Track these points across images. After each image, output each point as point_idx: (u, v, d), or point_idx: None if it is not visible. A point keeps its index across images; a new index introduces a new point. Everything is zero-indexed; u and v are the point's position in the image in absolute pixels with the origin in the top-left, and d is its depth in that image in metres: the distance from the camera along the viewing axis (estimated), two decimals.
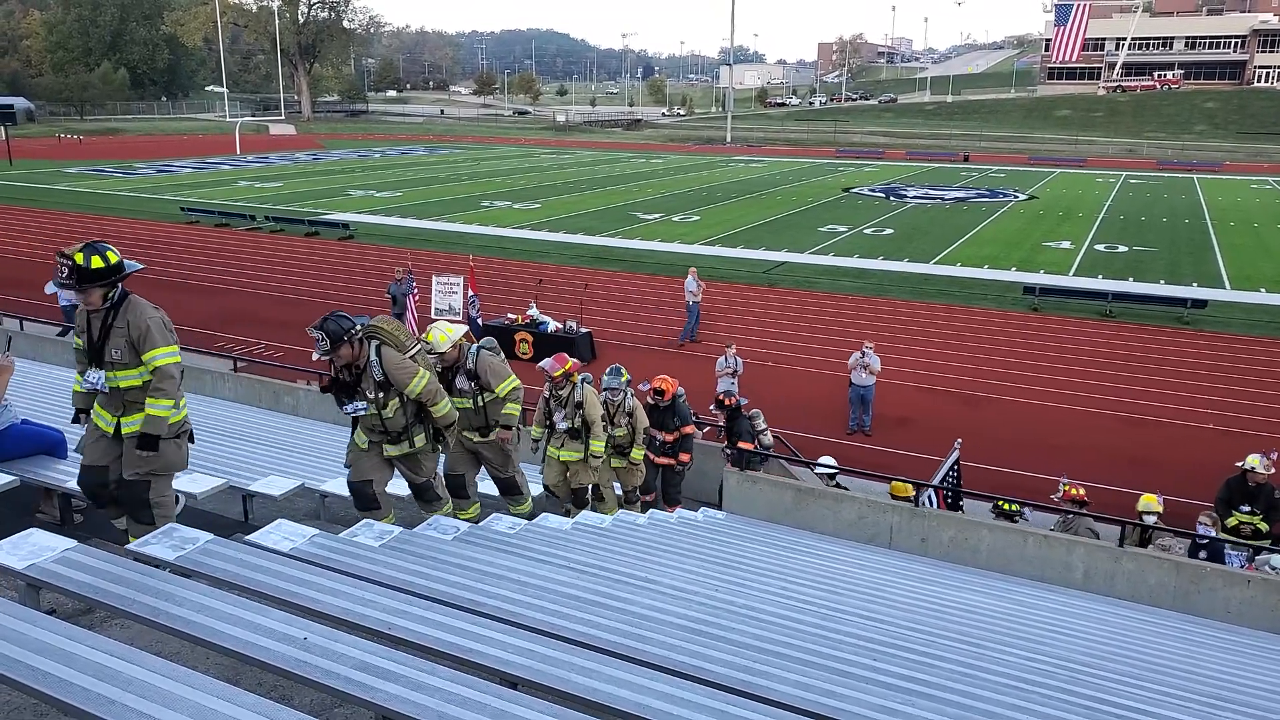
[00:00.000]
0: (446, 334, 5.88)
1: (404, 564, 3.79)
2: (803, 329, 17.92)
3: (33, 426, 5.34)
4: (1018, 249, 26.82)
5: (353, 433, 5.27)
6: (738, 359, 12.70)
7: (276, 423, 9.06)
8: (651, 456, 8.35)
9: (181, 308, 14.73)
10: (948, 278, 22.83)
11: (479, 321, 15.88)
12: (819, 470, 9.54)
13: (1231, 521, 8.29)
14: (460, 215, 32.15)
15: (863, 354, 12.39)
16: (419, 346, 5.20)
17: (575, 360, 7.27)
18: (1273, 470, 8.32)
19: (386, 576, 3.58)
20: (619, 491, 8.01)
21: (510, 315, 16.22)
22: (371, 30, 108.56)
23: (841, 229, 30.10)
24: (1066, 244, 27.75)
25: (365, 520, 4.65)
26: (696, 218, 32.30)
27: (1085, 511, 8.28)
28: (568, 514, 6.88)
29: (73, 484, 4.84)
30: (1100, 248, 27.20)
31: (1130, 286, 21.45)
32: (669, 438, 8.40)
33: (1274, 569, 7.26)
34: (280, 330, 15.98)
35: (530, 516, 6.05)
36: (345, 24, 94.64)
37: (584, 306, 16.48)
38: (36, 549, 3.17)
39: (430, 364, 5.27)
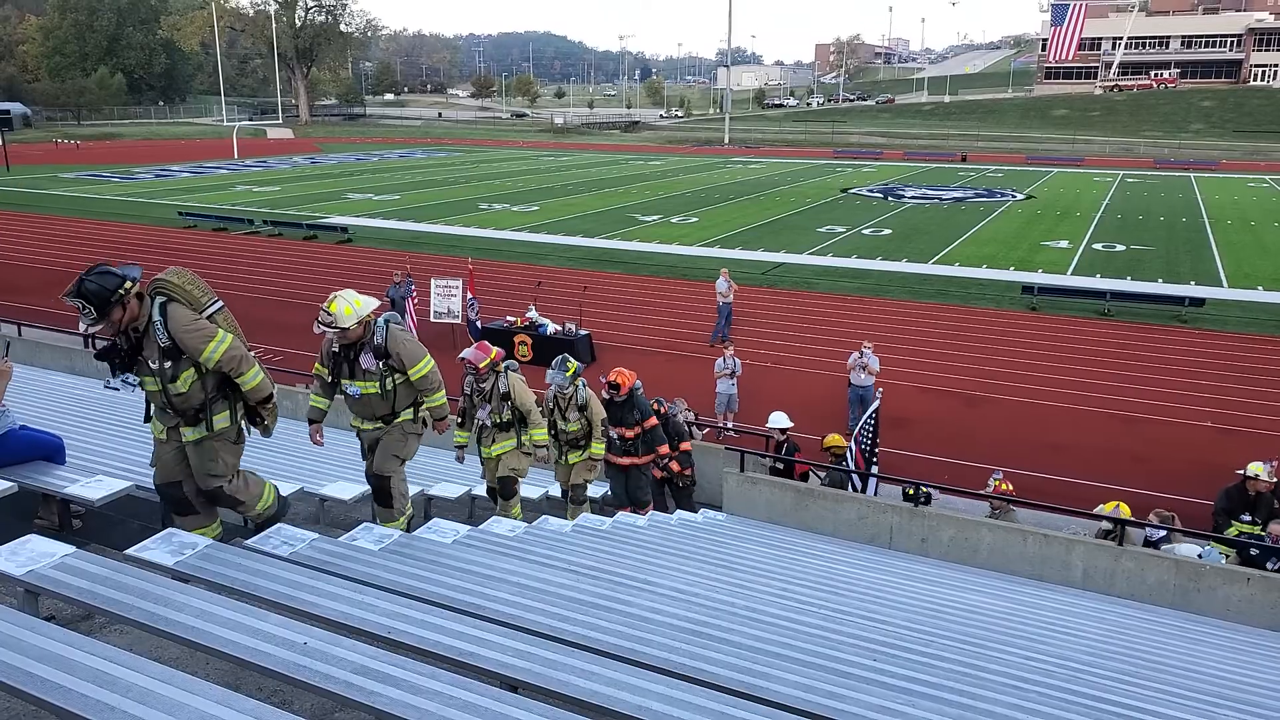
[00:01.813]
0: (353, 306, 4.87)
1: (404, 568, 3.79)
2: (801, 329, 17.92)
3: (31, 432, 5.33)
4: (1016, 248, 26.85)
5: (146, 416, 4.32)
6: (736, 360, 12.70)
7: (276, 426, 9.03)
8: (612, 458, 7.84)
9: None
10: (946, 278, 22.85)
11: (478, 324, 15.88)
12: (770, 427, 9.19)
13: (1231, 532, 7.91)
14: (459, 218, 32.15)
15: (861, 354, 12.39)
16: (219, 305, 4.21)
17: (500, 349, 6.65)
18: (1275, 479, 8.03)
19: (386, 580, 3.57)
20: (560, 491, 7.52)
21: (509, 318, 16.22)
22: (369, 33, 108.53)
23: (840, 229, 30.12)
24: (1064, 243, 27.77)
25: (365, 524, 4.64)
26: (695, 219, 32.31)
27: (1016, 499, 8.53)
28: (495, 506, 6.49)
29: (71, 489, 4.83)
30: (1098, 247, 27.23)
31: (1128, 285, 21.47)
32: (629, 434, 7.83)
33: (1194, 556, 7.35)
34: (279, 334, 15.96)
35: (409, 529, 5.11)
36: (342, 27, 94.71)
37: (583, 309, 16.48)
38: (35, 555, 3.16)
39: (233, 324, 4.25)
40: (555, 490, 8.21)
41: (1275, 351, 16.51)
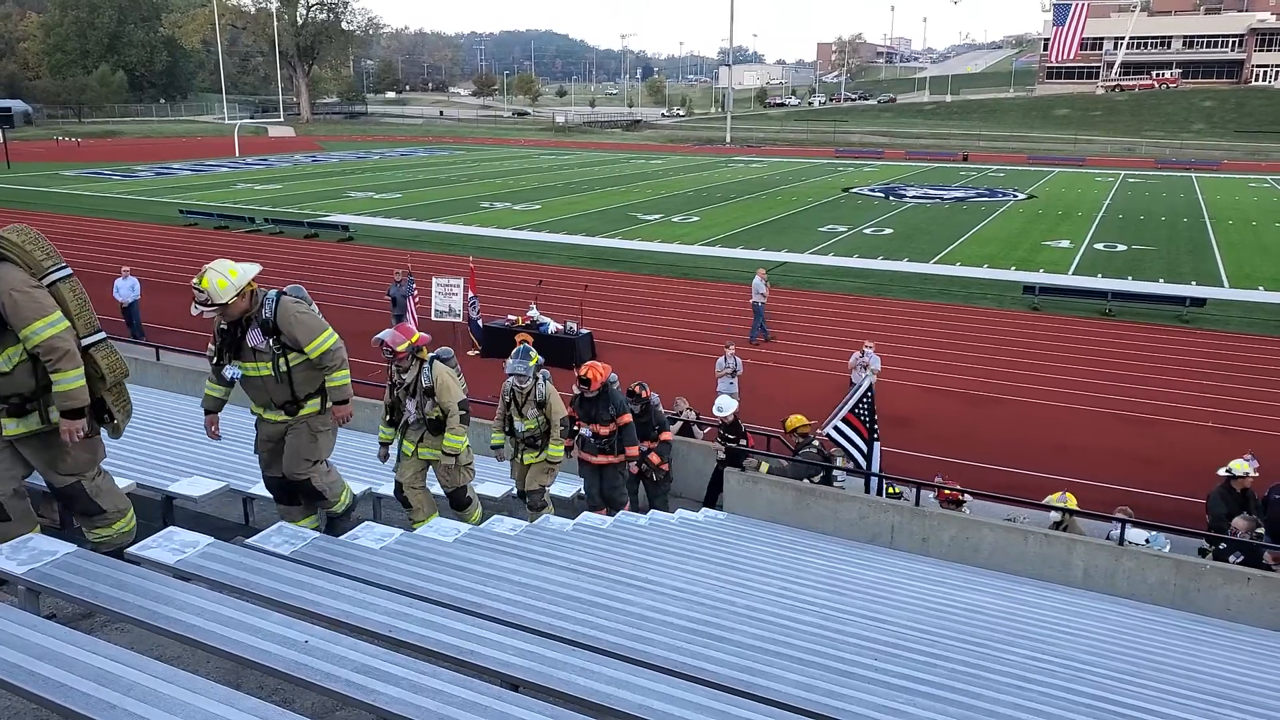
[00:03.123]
0: (228, 278, 4.25)
1: (404, 566, 3.79)
2: (803, 329, 17.92)
3: None
4: (1017, 248, 26.83)
5: None
6: (737, 359, 12.70)
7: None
8: (587, 457, 7.49)
9: (182, 311, 14.72)
10: (947, 277, 22.84)
11: (479, 323, 15.88)
12: (717, 411, 8.84)
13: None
14: (460, 217, 32.15)
15: (863, 354, 12.39)
16: (65, 272, 3.62)
17: (424, 334, 5.93)
18: (1257, 474, 8.04)
19: (387, 579, 3.57)
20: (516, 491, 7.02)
21: (510, 316, 16.22)
22: (370, 32, 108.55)
23: (841, 229, 30.11)
24: (1066, 243, 27.76)
25: (366, 523, 4.64)
26: (696, 218, 32.30)
27: (968, 491, 8.55)
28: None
29: None
30: (1099, 247, 27.21)
31: (1129, 285, 21.46)
32: (604, 431, 7.41)
33: (1142, 543, 7.45)
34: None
35: (337, 532, 4.60)
36: (344, 25, 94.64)
37: (584, 307, 16.48)
38: (36, 553, 3.16)
39: (80, 298, 3.64)
40: (492, 489, 7.85)
41: (1276, 351, 16.50)
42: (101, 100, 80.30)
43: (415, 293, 16.21)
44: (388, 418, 6.06)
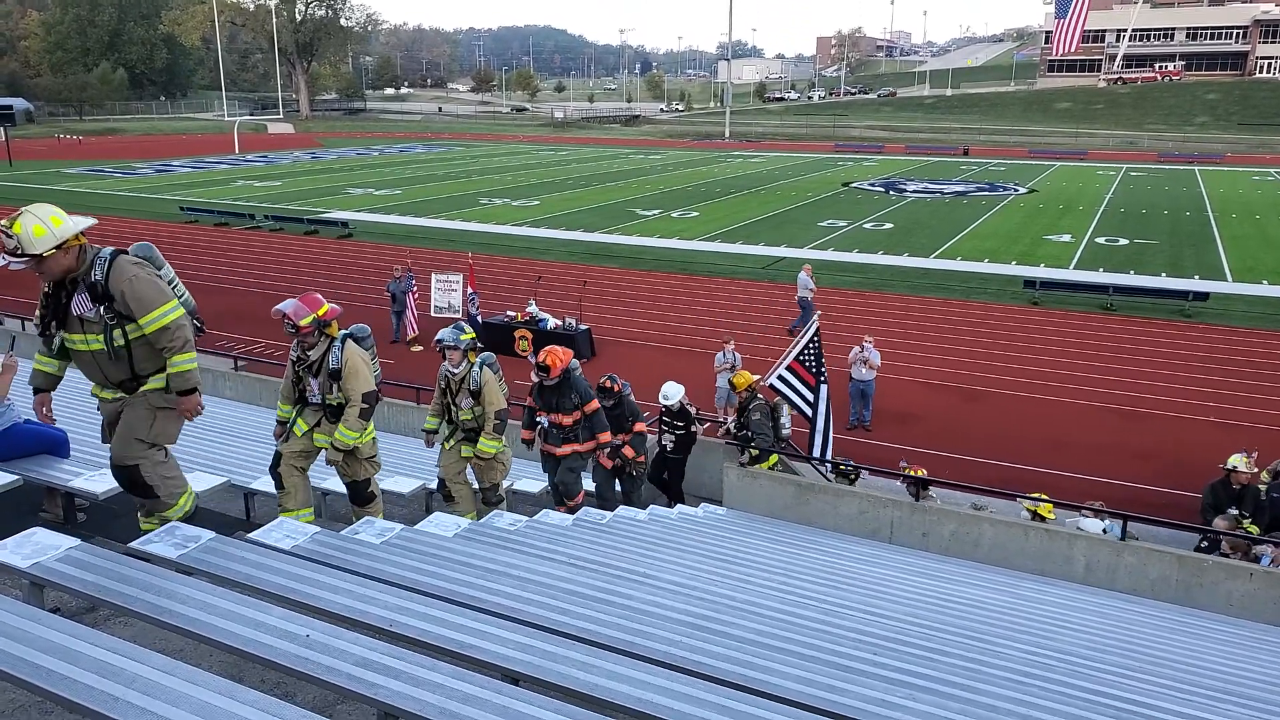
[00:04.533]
0: (48, 226, 3.54)
1: (405, 561, 3.80)
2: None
3: (35, 426, 5.34)
4: (1018, 243, 26.79)
5: None
6: (736, 354, 12.69)
7: None
8: (550, 448, 7.09)
9: None
10: (947, 272, 22.82)
11: (479, 319, 15.89)
12: (663, 400, 8.40)
13: (1220, 525, 7.79)
14: (459, 213, 32.13)
15: (862, 349, 12.38)
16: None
17: (335, 306, 5.23)
18: (1256, 470, 8.04)
19: (388, 573, 3.58)
20: (475, 486, 6.60)
21: (510, 312, 16.22)
22: (369, 28, 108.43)
23: (841, 224, 30.07)
24: (1067, 237, 27.71)
25: (367, 517, 4.65)
26: (695, 213, 32.27)
27: (931, 480, 8.55)
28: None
29: (76, 483, 4.85)
30: (1101, 241, 27.17)
31: (1131, 279, 21.42)
32: (566, 420, 7.00)
33: (1081, 530, 7.56)
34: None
35: (189, 518, 4.15)
36: (343, 22, 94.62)
37: (583, 303, 16.47)
38: (40, 548, 3.17)
39: None
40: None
41: (1279, 346, 16.48)
42: (102, 98, 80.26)
43: (415, 289, 16.21)
44: (291, 393, 5.37)
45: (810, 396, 9.14)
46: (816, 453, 9.44)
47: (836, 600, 4.91)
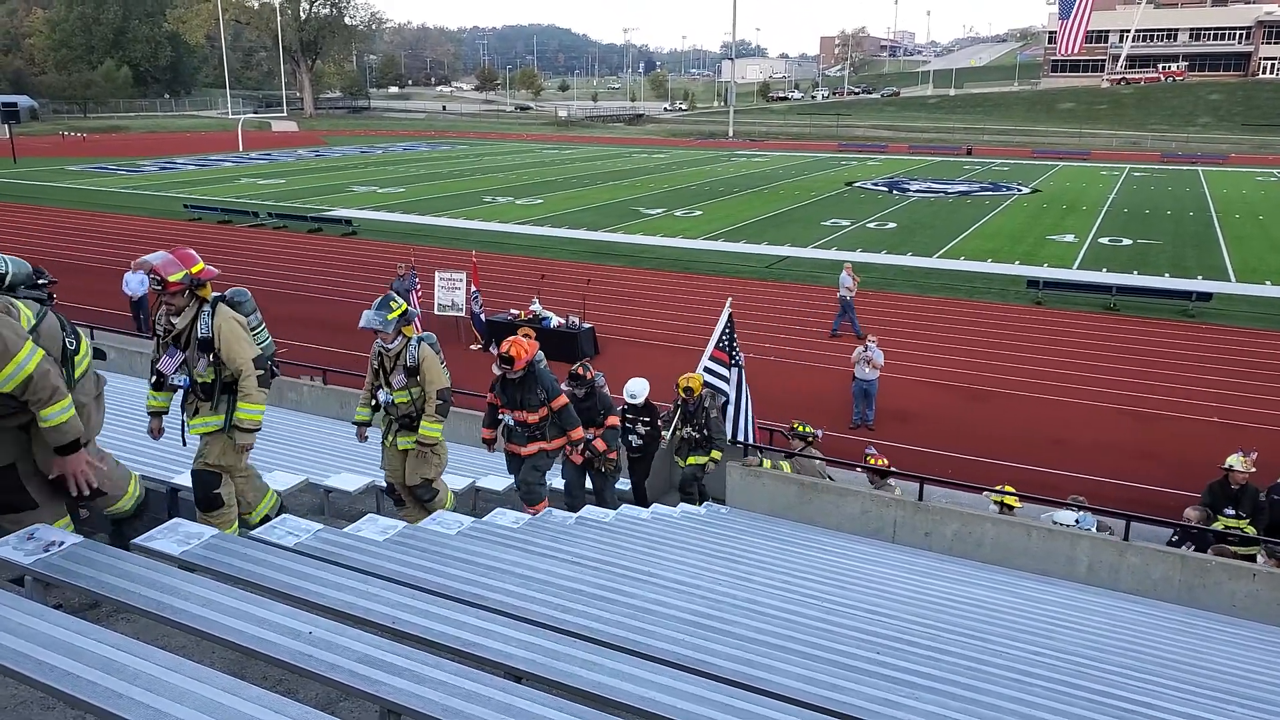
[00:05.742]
0: None
1: (408, 558, 3.80)
2: (806, 323, 17.90)
3: None
4: (1021, 243, 26.75)
5: None
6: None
7: (280, 418, 9.08)
8: (515, 448, 6.57)
9: None
10: (951, 272, 22.79)
11: (482, 317, 15.90)
12: (629, 398, 8.07)
13: (1217, 526, 7.79)
14: (462, 211, 32.15)
15: (865, 348, 12.38)
16: None
17: (210, 267, 4.36)
18: (1254, 469, 7.96)
19: (391, 571, 3.58)
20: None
21: (513, 311, 16.23)
22: (373, 26, 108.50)
23: (844, 223, 30.04)
24: (1070, 237, 27.67)
25: (369, 515, 4.65)
26: (699, 213, 32.26)
27: (890, 471, 8.67)
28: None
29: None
30: (1104, 241, 27.12)
31: (1135, 280, 21.38)
32: (532, 418, 6.38)
33: (1057, 523, 7.57)
34: (283, 327, 15.98)
35: (131, 526, 3.92)
36: (347, 20, 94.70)
37: (586, 301, 16.48)
38: (43, 544, 3.18)
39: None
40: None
41: None
42: (106, 95, 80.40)
43: (418, 287, 16.22)
44: (154, 379, 4.58)
45: (726, 374, 9.33)
46: (741, 436, 9.56)
47: (839, 599, 4.91)
